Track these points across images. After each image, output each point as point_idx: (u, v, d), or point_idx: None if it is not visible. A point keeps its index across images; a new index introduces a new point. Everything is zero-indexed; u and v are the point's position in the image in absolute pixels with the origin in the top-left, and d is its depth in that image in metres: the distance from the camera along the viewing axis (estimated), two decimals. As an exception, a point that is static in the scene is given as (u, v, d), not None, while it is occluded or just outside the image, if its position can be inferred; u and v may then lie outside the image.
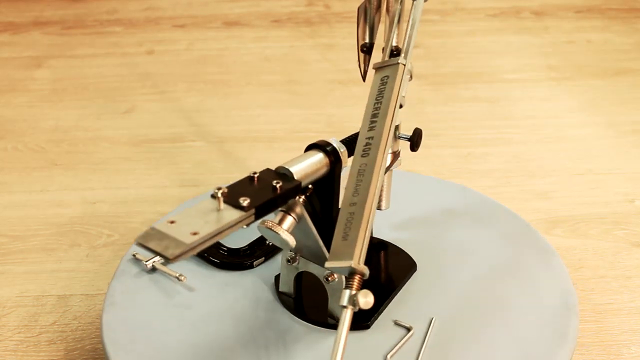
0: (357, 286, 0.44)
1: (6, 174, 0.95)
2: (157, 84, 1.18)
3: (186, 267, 0.65)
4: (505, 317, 0.59)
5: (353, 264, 0.44)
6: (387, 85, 0.54)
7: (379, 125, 0.52)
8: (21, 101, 1.13)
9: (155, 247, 0.43)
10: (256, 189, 0.49)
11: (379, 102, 0.53)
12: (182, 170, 0.94)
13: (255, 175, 0.50)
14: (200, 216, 0.45)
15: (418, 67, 1.21)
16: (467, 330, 0.58)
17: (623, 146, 0.97)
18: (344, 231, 0.47)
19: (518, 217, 0.72)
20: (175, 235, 0.43)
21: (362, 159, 0.51)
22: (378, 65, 0.56)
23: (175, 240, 0.43)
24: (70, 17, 1.44)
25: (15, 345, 0.68)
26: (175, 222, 0.44)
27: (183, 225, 0.44)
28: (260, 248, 0.67)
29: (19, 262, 0.79)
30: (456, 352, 0.56)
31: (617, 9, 1.41)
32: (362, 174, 0.50)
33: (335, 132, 0.94)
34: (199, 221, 0.45)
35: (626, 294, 0.72)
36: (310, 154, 0.55)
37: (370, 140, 0.51)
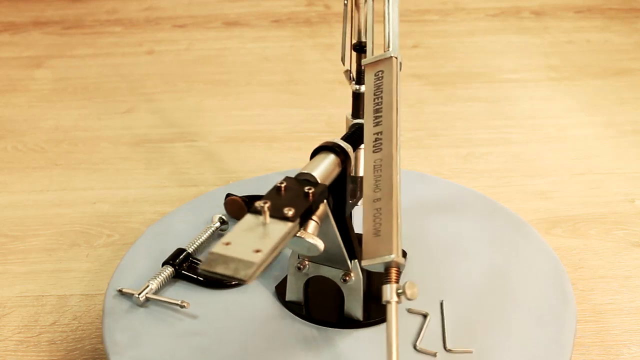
0: (396, 279, 0.44)
1: (6, 174, 0.95)
2: (157, 84, 1.18)
3: (181, 294, 0.62)
4: (502, 315, 0.59)
5: (395, 257, 0.44)
6: (384, 80, 0.54)
7: (385, 119, 0.52)
8: (21, 101, 1.13)
9: (225, 272, 0.41)
10: (291, 198, 0.48)
11: (378, 97, 0.54)
12: (182, 170, 0.94)
13: (282, 185, 0.49)
14: (251, 233, 0.44)
15: (418, 67, 1.21)
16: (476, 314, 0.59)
17: (623, 146, 0.97)
18: (374, 228, 0.47)
19: (514, 215, 0.72)
20: (239, 257, 0.42)
21: (375, 154, 0.51)
22: (368, 61, 0.57)
23: (242, 262, 0.42)
24: (70, 17, 1.44)
25: (16, 345, 0.68)
26: (231, 244, 0.43)
27: (240, 245, 0.43)
28: None
29: (19, 262, 0.79)
30: (476, 332, 0.57)
31: (617, 9, 1.41)
32: (379, 169, 0.50)
33: (335, 132, 0.94)
34: (253, 238, 0.44)
35: (626, 294, 0.72)
36: (322, 156, 0.54)
37: (380, 135, 0.51)
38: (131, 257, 0.67)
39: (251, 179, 0.80)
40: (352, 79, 0.61)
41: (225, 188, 0.77)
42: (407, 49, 1.28)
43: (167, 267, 0.63)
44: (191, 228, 0.71)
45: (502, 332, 0.58)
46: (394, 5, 0.58)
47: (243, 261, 0.42)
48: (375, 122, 0.52)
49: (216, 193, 0.76)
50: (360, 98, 0.61)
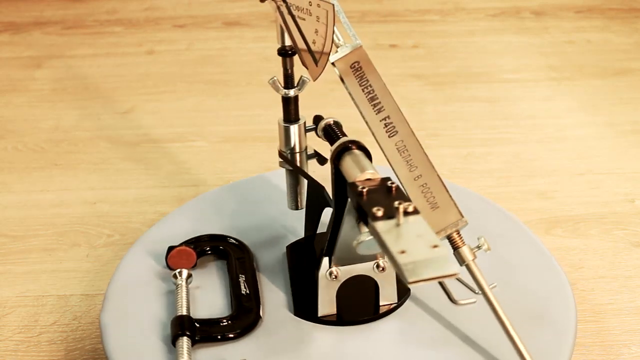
0: (462, 241, 0.44)
1: (6, 174, 0.95)
2: (157, 84, 1.18)
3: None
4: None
5: (465, 219, 0.44)
6: (364, 68, 0.55)
7: (386, 104, 0.54)
8: (21, 101, 1.13)
9: (434, 274, 0.40)
10: (387, 196, 0.48)
11: (366, 86, 0.55)
12: (182, 170, 0.94)
13: (367, 189, 0.48)
14: (407, 235, 0.43)
15: (418, 67, 1.21)
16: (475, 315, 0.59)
17: (623, 146, 0.97)
18: (429, 202, 0.48)
19: (510, 216, 0.72)
20: (429, 257, 0.41)
21: (393, 138, 0.53)
22: (337, 57, 0.57)
23: (436, 260, 0.41)
24: (70, 17, 1.44)
25: (16, 345, 0.68)
26: (405, 252, 0.42)
27: (416, 248, 0.42)
28: (241, 308, 0.60)
29: (19, 262, 0.79)
30: (476, 332, 0.58)
31: (617, 9, 1.41)
32: (405, 150, 0.53)
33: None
34: (414, 238, 0.43)
35: (626, 294, 0.72)
36: (357, 153, 0.54)
37: (387, 119, 0.54)
38: (131, 258, 0.67)
39: (251, 178, 0.80)
40: (280, 85, 0.60)
41: (226, 188, 0.77)
42: (407, 49, 1.28)
43: (183, 340, 0.56)
44: (191, 228, 0.71)
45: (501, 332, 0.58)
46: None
47: (436, 259, 0.41)
48: (376, 110, 0.54)
49: (216, 193, 0.76)
50: (290, 102, 0.62)
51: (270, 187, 0.76)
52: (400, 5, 1.45)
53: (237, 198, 0.75)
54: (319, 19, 0.54)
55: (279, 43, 0.60)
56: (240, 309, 0.60)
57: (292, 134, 0.62)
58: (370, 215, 0.44)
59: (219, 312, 0.60)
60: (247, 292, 0.61)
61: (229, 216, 0.72)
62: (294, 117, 0.63)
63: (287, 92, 0.61)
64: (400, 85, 1.15)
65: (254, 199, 0.75)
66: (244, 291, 0.61)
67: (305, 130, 0.63)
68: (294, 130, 0.62)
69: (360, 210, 0.47)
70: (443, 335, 0.58)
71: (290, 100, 0.62)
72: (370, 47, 1.28)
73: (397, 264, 0.41)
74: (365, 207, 0.46)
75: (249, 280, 0.62)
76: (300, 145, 0.63)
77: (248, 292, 0.61)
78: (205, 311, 0.60)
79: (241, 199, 0.75)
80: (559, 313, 0.59)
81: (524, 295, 0.61)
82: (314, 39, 0.55)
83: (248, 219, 0.71)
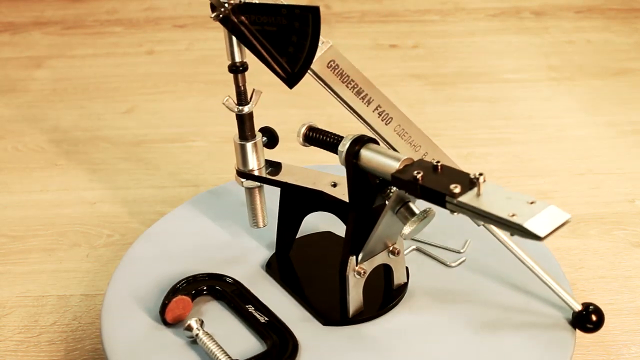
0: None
1: (6, 174, 0.95)
2: (157, 84, 1.18)
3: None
4: (502, 315, 0.59)
5: (471, 174, 0.46)
6: (341, 65, 0.55)
7: (373, 94, 0.55)
8: (21, 101, 1.13)
9: (557, 224, 0.43)
10: (441, 172, 0.49)
11: (348, 81, 0.55)
12: (182, 170, 0.94)
13: (422, 173, 0.49)
14: (499, 201, 0.45)
15: (418, 67, 1.21)
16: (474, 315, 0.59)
17: (623, 146, 0.97)
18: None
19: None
20: (538, 211, 0.44)
21: (390, 125, 0.55)
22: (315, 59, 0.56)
23: (546, 212, 0.44)
24: (70, 17, 1.44)
25: (16, 345, 0.68)
26: (515, 214, 0.44)
27: (521, 210, 0.44)
28: (273, 337, 0.57)
29: (19, 262, 0.79)
30: (476, 332, 0.57)
31: (617, 9, 1.41)
32: (405, 133, 0.55)
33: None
34: (507, 201, 0.45)
35: (626, 294, 0.72)
36: (373, 146, 0.54)
37: (379, 108, 0.55)
38: (131, 258, 0.67)
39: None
40: (234, 102, 0.60)
41: (226, 187, 0.77)
42: (407, 49, 1.28)
43: None
44: (190, 228, 0.71)
45: (501, 332, 0.58)
46: None
47: (547, 211, 0.44)
48: (366, 102, 0.55)
49: (215, 192, 0.76)
50: (245, 119, 0.60)
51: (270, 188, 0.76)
52: (400, 5, 1.45)
53: (237, 198, 0.75)
54: (299, 24, 0.53)
55: (228, 60, 0.59)
56: (273, 338, 0.57)
57: (249, 151, 0.61)
58: (450, 193, 0.46)
59: (251, 349, 0.57)
60: (266, 320, 0.58)
61: (225, 218, 0.72)
62: (251, 134, 0.61)
63: (241, 109, 0.60)
64: (400, 85, 1.15)
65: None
66: (263, 320, 0.58)
67: (262, 145, 0.63)
68: (251, 147, 0.61)
69: (429, 194, 0.48)
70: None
71: (244, 117, 0.60)
72: (370, 47, 1.28)
73: (517, 226, 0.42)
74: (439, 188, 0.47)
75: (260, 308, 0.60)
76: (259, 162, 0.62)
77: (267, 319, 0.58)
78: (238, 354, 0.56)
79: (242, 199, 0.75)
80: (559, 313, 0.59)
81: (523, 295, 0.61)
82: (289, 47, 0.54)
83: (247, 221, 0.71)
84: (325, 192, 0.60)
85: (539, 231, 0.42)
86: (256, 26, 0.54)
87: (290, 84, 0.55)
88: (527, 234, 0.42)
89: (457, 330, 0.58)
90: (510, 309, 0.60)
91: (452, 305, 0.60)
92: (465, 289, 0.62)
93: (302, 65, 0.54)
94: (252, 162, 0.62)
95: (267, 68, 0.55)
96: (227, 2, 0.55)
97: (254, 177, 0.63)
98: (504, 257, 0.62)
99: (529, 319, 0.59)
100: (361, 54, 1.25)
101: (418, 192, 0.48)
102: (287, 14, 0.53)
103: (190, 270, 0.65)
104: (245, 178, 0.63)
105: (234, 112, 0.60)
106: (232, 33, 0.55)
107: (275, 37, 0.54)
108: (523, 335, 0.57)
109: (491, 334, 0.57)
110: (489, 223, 0.45)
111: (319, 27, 0.53)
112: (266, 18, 0.54)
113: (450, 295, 0.62)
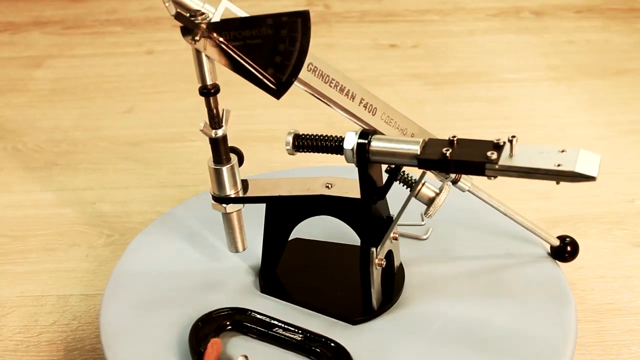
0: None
1: (6, 174, 0.95)
2: (157, 84, 1.18)
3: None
4: (502, 315, 0.59)
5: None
6: (319, 66, 0.55)
7: (354, 88, 0.57)
8: (21, 101, 1.13)
9: (597, 165, 0.47)
10: (458, 144, 0.54)
11: (329, 81, 0.56)
12: (182, 170, 0.94)
13: (448, 149, 0.53)
14: (535, 157, 0.50)
15: (418, 67, 1.21)
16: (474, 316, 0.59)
17: (623, 146, 0.97)
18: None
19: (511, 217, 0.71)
20: (576, 158, 0.48)
21: (377, 115, 0.57)
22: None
23: (581, 157, 0.48)
24: (70, 17, 1.44)
25: (15, 345, 0.68)
26: (561, 164, 0.48)
27: (562, 159, 0.48)
28: (320, 353, 0.56)
29: (19, 262, 0.79)
30: (476, 333, 0.57)
31: (617, 9, 1.41)
32: (391, 120, 0.58)
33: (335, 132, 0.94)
34: (541, 155, 0.50)
35: (626, 294, 0.72)
36: (381, 136, 0.55)
37: (363, 100, 0.57)
38: (129, 258, 0.67)
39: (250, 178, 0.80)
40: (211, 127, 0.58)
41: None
42: (407, 49, 1.28)
43: None
44: (189, 228, 0.71)
45: (502, 333, 0.58)
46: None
47: (582, 156, 0.48)
48: (350, 97, 0.56)
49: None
50: (219, 142, 0.58)
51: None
52: (400, 5, 1.45)
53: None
54: (287, 32, 0.51)
55: (199, 83, 0.55)
56: (319, 351, 0.56)
57: (227, 175, 0.59)
58: (489, 160, 0.50)
59: None
60: (304, 335, 0.57)
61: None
62: (226, 157, 0.59)
63: (216, 133, 0.57)
64: (400, 85, 1.15)
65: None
66: (299, 337, 0.57)
67: (238, 166, 0.60)
68: (227, 171, 0.59)
69: (464, 167, 0.51)
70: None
71: (219, 140, 0.58)
72: (370, 47, 1.28)
73: (569, 173, 0.47)
74: (476, 159, 0.51)
75: (289, 327, 0.58)
76: (237, 184, 0.60)
77: (304, 334, 0.57)
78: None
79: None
80: (559, 313, 0.59)
81: (523, 295, 0.61)
82: (276, 56, 0.52)
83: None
84: (328, 195, 0.59)
85: (590, 172, 0.47)
86: (236, 42, 0.52)
87: (279, 95, 0.54)
88: (580, 178, 0.47)
89: (467, 288, 0.62)
90: (495, 257, 0.66)
91: (449, 270, 0.64)
92: (448, 253, 0.66)
93: (291, 73, 0.52)
94: (231, 185, 0.59)
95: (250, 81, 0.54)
96: (200, 20, 0.52)
97: (241, 199, 0.60)
98: (462, 217, 0.70)
99: (514, 261, 0.65)
100: (361, 54, 1.25)
101: (451, 168, 0.51)
102: (273, 23, 0.51)
103: (190, 270, 0.65)
104: (227, 203, 0.60)
105: (211, 137, 0.57)
106: (220, 61, 0.53)
107: (260, 50, 0.52)
108: (517, 272, 0.64)
109: (497, 277, 0.63)
110: (530, 178, 0.49)
111: (309, 31, 0.51)
112: (248, 32, 0.51)
113: (441, 263, 0.65)
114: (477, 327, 0.58)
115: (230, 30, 0.52)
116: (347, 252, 0.65)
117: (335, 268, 0.64)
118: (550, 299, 0.61)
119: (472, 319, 0.59)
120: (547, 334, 0.57)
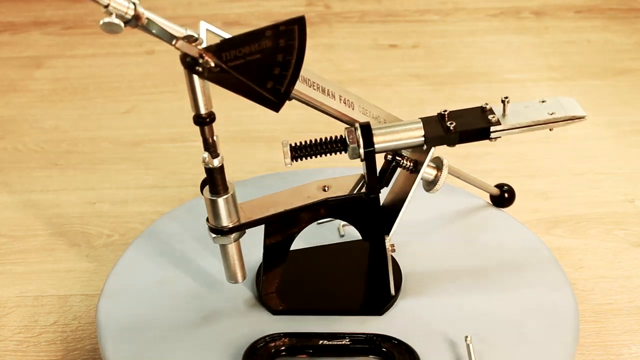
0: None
1: (6, 174, 0.95)
2: (157, 84, 1.18)
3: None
4: (503, 316, 0.59)
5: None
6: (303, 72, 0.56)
7: (331, 87, 0.59)
8: (21, 101, 1.13)
9: (581, 106, 0.55)
10: (452, 115, 0.60)
11: (311, 83, 0.58)
12: (182, 170, 0.94)
13: (448, 122, 0.58)
14: (523, 111, 0.58)
15: (418, 67, 1.21)
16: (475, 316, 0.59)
17: (623, 146, 0.97)
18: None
19: (511, 217, 0.71)
20: (560, 105, 0.56)
21: (356, 108, 0.59)
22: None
23: (564, 103, 0.56)
24: (70, 17, 1.44)
25: (16, 345, 0.68)
26: (554, 113, 0.56)
27: (551, 108, 0.56)
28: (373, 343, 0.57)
29: (18, 262, 0.79)
30: (476, 333, 0.57)
31: (617, 9, 1.41)
32: (367, 111, 0.60)
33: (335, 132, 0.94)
34: (526, 109, 0.58)
35: (626, 294, 0.72)
36: (379, 125, 0.57)
37: (342, 97, 0.59)
38: (128, 258, 0.67)
39: (251, 178, 0.80)
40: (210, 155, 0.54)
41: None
42: (407, 49, 1.28)
43: None
44: (189, 228, 0.71)
45: (502, 333, 0.58)
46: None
47: (564, 102, 0.57)
48: (331, 96, 0.58)
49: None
50: (216, 172, 0.54)
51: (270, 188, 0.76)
52: (400, 5, 1.45)
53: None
54: (285, 41, 0.49)
55: (193, 111, 0.52)
56: (377, 350, 0.56)
57: (222, 206, 0.55)
58: (490, 122, 0.58)
59: None
60: (349, 340, 0.57)
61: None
62: (223, 186, 0.55)
63: (212, 163, 0.54)
64: (400, 85, 1.15)
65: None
66: (346, 341, 0.57)
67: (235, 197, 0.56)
68: (223, 203, 0.55)
69: (470, 136, 0.57)
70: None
71: (215, 170, 0.54)
72: (370, 47, 1.28)
73: (564, 118, 0.55)
74: (480, 125, 0.58)
75: (328, 336, 0.57)
76: (235, 215, 0.56)
77: (348, 339, 0.57)
78: None
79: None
80: (559, 313, 0.59)
81: (524, 295, 0.61)
82: (275, 68, 0.50)
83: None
84: (334, 198, 0.57)
85: (580, 112, 0.55)
86: (237, 61, 0.49)
87: (278, 107, 0.53)
88: (573, 119, 0.54)
89: (457, 252, 0.66)
90: (449, 216, 0.71)
91: (431, 239, 0.68)
92: (416, 228, 0.69)
93: (289, 82, 0.52)
94: (225, 216, 0.56)
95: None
96: (200, 50, 0.49)
97: (240, 226, 0.56)
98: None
99: (469, 216, 0.72)
100: (361, 54, 1.25)
101: (457, 140, 0.57)
102: (273, 34, 0.49)
103: (189, 271, 0.65)
104: (227, 233, 0.56)
105: (210, 166, 0.54)
106: (219, 84, 0.50)
107: (259, 65, 0.50)
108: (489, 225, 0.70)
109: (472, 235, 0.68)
110: (530, 131, 0.56)
111: (305, 37, 0.50)
112: (248, 48, 0.49)
113: (416, 235, 0.68)
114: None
115: (230, 50, 0.49)
116: (337, 251, 0.65)
117: (333, 268, 0.64)
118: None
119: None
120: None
